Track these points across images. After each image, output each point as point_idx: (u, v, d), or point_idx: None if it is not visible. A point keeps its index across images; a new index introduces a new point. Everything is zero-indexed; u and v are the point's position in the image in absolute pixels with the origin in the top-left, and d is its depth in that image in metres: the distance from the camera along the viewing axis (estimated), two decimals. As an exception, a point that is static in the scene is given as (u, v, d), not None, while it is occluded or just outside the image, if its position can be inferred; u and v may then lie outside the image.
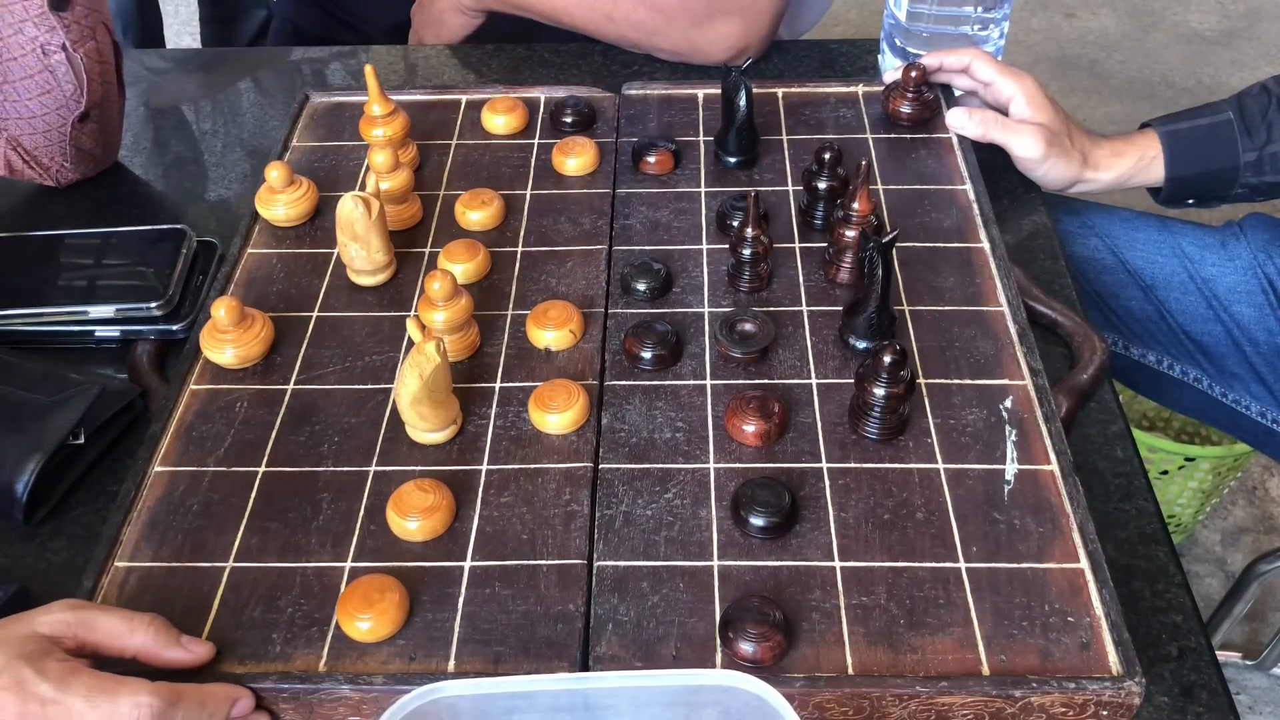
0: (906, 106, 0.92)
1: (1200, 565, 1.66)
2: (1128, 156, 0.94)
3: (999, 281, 0.79)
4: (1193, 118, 0.96)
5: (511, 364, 0.75)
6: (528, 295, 0.80)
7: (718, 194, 0.88)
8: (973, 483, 0.67)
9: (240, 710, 0.57)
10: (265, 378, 0.75)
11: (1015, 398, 0.72)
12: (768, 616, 0.59)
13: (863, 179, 0.78)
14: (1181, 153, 0.94)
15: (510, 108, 0.95)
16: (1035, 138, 0.89)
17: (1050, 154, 0.89)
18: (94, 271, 0.84)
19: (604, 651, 0.60)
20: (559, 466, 0.69)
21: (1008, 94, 0.91)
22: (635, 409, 0.72)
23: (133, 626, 0.57)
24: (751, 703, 0.51)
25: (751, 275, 0.79)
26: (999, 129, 0.89)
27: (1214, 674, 0.63)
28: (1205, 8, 2.75)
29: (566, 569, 0.63)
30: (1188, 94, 2.47)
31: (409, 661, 0.59)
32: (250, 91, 1.12)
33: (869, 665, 0.58)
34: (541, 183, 0.90)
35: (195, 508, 0.67)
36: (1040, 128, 0.90)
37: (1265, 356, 1.04)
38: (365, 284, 0.81)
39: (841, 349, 0.75)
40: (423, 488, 0.66)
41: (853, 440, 0.70)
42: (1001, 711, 0.58)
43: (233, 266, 0.83)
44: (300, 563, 0.64)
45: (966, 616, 0.60)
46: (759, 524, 0.64)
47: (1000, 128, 0.89)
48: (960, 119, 0.90)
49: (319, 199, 0.88)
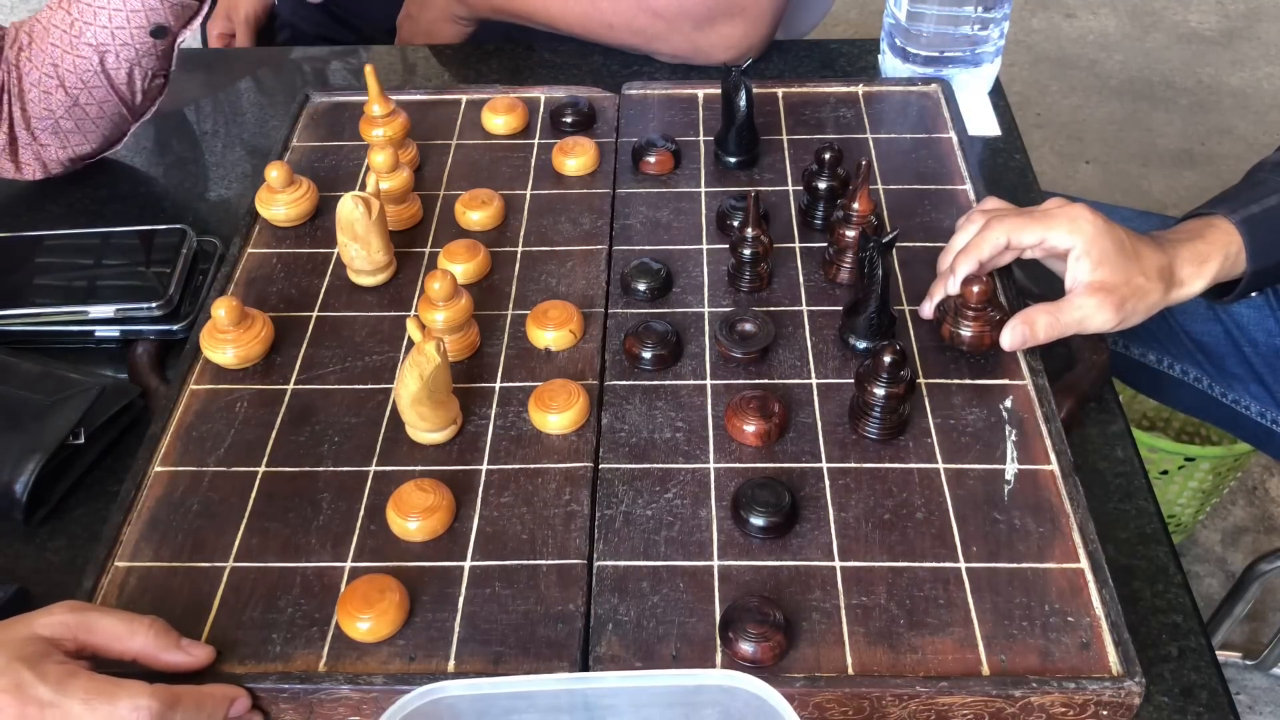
0: (968, 329, 0.73)
1: (1200, 565, 1.66)
2: (1213, 260, 0.77)
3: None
4: (1259, 198, 0.80)
5: (511, 364, 0.75)
6: (528, 295, 0.80)
7: (718, 194, 0.88)
8: (973, 483, 0.67)
9: (237, 710, 0.57)
10: (265, 378, 0.75)
11: (1015, 398, 0.72)
12: (768, 616, 0.58)
13: (863, 179, 0.78)
14: (1264, 240, 0.78)
15: (510, 108, 0.95)
16: (1105, 309, 0.72)
17: (1124, 312, 0.73)
18: (94, 271, 0.84)
19: (604, 651, 0.60)
20: (559, 466, 0.69)
21: (1064, 247, 0.73)
22: (635, 409, 0.72)
23: (133, 629, 0.57)
24: (751, 703, 0.51)
25: (751, 275, 0.79)
26: (1061, 327, 0.72)
27: (1214, 674, 0.63)
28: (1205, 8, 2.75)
29: (566, 569, 0.63)
30: (1188, 94, 2.47)
31: (409, 661, 0.59)
32: (250, 91, 1.12)
33: (869, 665, 0.58)
34: (541, 183, 0.90)
35: (195, 508, 0.67)
36: (1105, 291, 0.72)
37: (1265, 357, 1.04)
38: (365, 284, 0.81)
39: (841, 349, 0.75)
40: (423, 488, 0.66)
41: (853, 440, 0.70)
42: (1001, 711, 0.58)
43: (233, 266, 0.83)
44: (300, 563, 0.64)
45: (966, 616, 0.60)
46: (759, 524, 0.64)
47: (1063, 326, 0.72)
48: (1019, 337, 0.72)
49: (319, 199, 0.88)
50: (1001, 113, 1.02)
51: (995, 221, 0.74)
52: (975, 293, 0.72)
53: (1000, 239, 0.74)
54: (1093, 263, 0.72)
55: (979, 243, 0.74)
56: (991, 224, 0.74)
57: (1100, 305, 0.72)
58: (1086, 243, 0.72)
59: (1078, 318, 0.72)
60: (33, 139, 0.91)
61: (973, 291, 0.72)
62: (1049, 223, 0.73)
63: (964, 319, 0.73)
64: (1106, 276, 0.72)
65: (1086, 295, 0.72)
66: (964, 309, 0.73)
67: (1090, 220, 0.73)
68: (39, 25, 0.90)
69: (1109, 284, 0.72)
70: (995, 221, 0.74)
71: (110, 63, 0.88)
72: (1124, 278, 0.73)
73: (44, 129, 0.91)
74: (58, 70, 0.88)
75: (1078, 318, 0.72)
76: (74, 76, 0.89)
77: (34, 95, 0.89)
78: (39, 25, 0.90)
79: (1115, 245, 0.73)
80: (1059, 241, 0.73)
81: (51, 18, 0.89)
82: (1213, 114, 2.43)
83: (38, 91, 0.89)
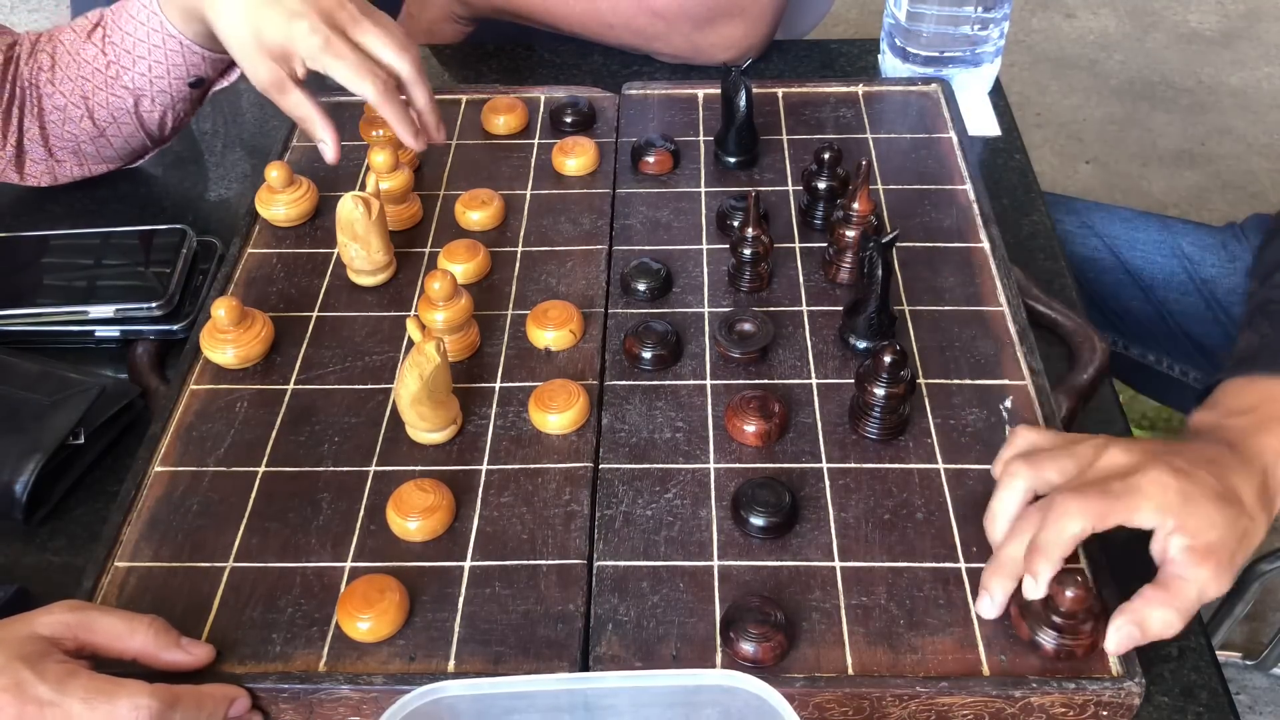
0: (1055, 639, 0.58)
1: (1200, 565, 1.66)
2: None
3: (999, 281, 0.79)
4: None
5: (511, 364, 0.75)
6: (528, 295, 0.80)
7: (718, 194, 0.88)
8: (973, 483, 0.67)
9: (237, 710, 0.57)
10: (265, 378, 0.75)
11: (1015, 398, 0.72)
12: (768, 616, 0.58)
13: (863, 179, 0.78)
14: None
15: (510, 108, 0.95)
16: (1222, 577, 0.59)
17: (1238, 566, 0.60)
18: (94, 271, 0.84)
19: (604, 651, 0.60)
20: (559, 466, 0.69)
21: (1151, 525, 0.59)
22: (635, 409, 0.72)
23: (133, 628, 0.57)
24: (751, 703, 0.51)
25: (751, 275, 0.79)
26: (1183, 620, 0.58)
27: (1214, 674, 0.63)
28: (1205, 8, 2.75)
29: (566, 569, 0.63)
30: (1187, 94, 2.48)
31: (409, 661, 0.59)
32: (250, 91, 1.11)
33: (869, 665, 0.58)
34: (541, 183, 0.90)
35: (195, 508, 0.67)
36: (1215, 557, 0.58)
37: (1266, 358, 1.03)
38: (365, 284, 0.81)
39: (841, 349, 0.75)
40: (423, 488, 0.66)
41: (853, 440, 0.70)
42: (1001, 711, 0.58)
43: (233, 266, 0.83)
44: (300, 563, 0.64)
45: (966, 616, 0.60)
46: (759, 524, 0.64)
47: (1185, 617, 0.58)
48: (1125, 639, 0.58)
49: (319, 199, 0.88)
50: (1001, 113, 1.02)
51: (1071, 503, 0.58)
52: (1070, 598, 0.57)
53: (1080, 530, 0.58)
54: (1191, 533, 0.58)
55: (1057, 538, 0.58)
56: (1068, 508, 0.58)
57: (1216, 574, 0.58)
58: (1180, 517, 0.58)
59: (1194, 597, 0.58)
60: (49, 155, 0.91)
61: (1066, 597, 0.57)
62: (1133, 502, 0.58)
63: (1049, 626, 0.58)
64: (1213, 540, 0.58)
65: (1196, 567, 0.58)
66: (1051, 615, 0.58)
67: (1176, 487, 0.59)
68: (64, 50, 0.88)
69: (1216, 547, 0.58)
70: (1071, 503, 0.58)
71: (145, 106, 0.88)
72: (1231, 533, 0.59)
73: (65, 150, 0.91)
74: (88, 103, 0.87)
75: (1194, 597, 0.58)
76: (105, 111, 0.88)
77: (56, 118, 0.89)
78: (64, 50, 0.88)
79: (1213, 503, 0.59)
80: (1146, 523, 0.59)
81: (82, 50, 0.87)
82: (1213, 114, 2.43)
83: (62, 116, 0.88)
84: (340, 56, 0.76)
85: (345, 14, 0.77)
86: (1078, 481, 0.60)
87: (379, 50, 0.78)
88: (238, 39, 0.77)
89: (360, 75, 0.77)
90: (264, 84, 0.79)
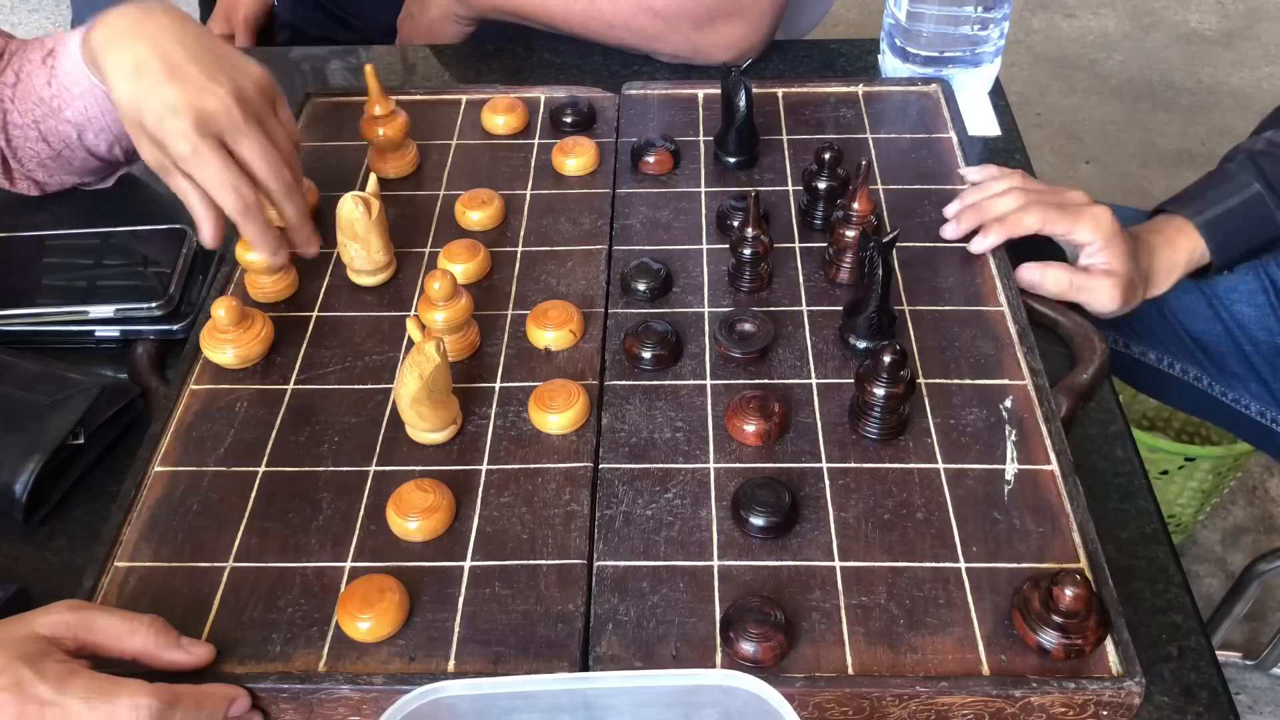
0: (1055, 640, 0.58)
1: (1200, 565, 1.66)
2: (1180, 265, 0.89)
3: (999, 281, 0.80)
4: (1222, 198, 0.90)
5: (511, 364, 0.75)
6: (528, 295, 0.80)
7: (718, 194, 0.88)
8: (973, 483, 0.67)
9: (237, 710, 0.57)
10: (265, 378, 0.75)
11: (1015, 398, 0.72)
12: (768, 616, 0.59)
13: (863, 179, 0.78)
14: (1224, 240, 0.89)
15: (510, 108, 0.95)
16: (1114, 292, 0.82)
17: (1125, 301, 0.83)
18: (94, 271, 0.84)
19: (604, 651, 0.60)
20: (559, 466, 0.69)
21: (1084, 240, 0.82)
22: (635, 409, 0.72)
23: (133, 628, 0.57)
24: (751, 703, 0.51)
25: (751, 275, 0.79)
26: (1076, 290, 0.82)
27: (1214, 674, 0.63)
28: (1205, 8, 2.75)
29: (566, 569, 0.63)
30: (1187, 94, 2.47)
31: (409, 661, 0.59)
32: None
33: (869, 665, 0.58)
34: (541, 183, 0.90)
35: (195, 508, 0.67)
36: (1117, 279, 0.82)
37: (1265, 356, 1.04)
38: (365, 284, 0.81)
39: (841, 349, 0.75)
40: (423, 488, 0.66)
41: (853, 440, 0.70)
42: (1001, 711, 0.58)
43: (233, 266, 0.83)
44: (300, 563, 0.64)
45: (966, 616, 0.60)
46: (759, 524, 0.64)
47: (1077, 289, 0.82)
48: (1034, 276, 0.82)
49: (319, 199, 0.87)
50: (1001, 113, 1.02)
51: (1033, 206, 0.82)
52: (1070, 598, 0.57)
53: (1034, 226, 0.82)
54: (1109, 256, 0.82)
55: (1015, 222, 0.82)
56: (1030, 208, 0.82)
57: (1110, 289, 0.82)
58: (1106, 239, 0.82)
59: (1090, 293, 0.82)
60: (21, 166, 0.91)
61: (1066, 597, 0.57)
62: (1077, 219, 0.82)
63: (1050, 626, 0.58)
64: (1119, 268, 0.82)
65: (1102, 278, 0.82)
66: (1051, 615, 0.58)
67: (1110, 222, 0.83)
68: (26, 70, 0.86)
69: (1119, 274, 0.82)
70: (1033, 206, 0.82)
71: (89, 139, 0.87)
72: (1129, 273, 0.83)
73: (32, 164, 0.90)
74: (40, 128, 0.86)
75: (1090, 293, 0.82)
76: (56, 138, 0.87)
77: (19, 135, 0.88)
78: (26, 70, 0.86)
79: (1127, 247, 0.84)
80: (1082, 236, 0.82)
81: (35, 74, 0.85)
82: (1213, 114, 2.43)
83: (23, 135, 0.87)
84: (204, 166, 0.72)
85: (227, 120, 0.72)
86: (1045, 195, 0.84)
87: (253, 163, 0.74)
88: (124, 115, 0.75)
89: (222, 190, 0.73)
90: (149, 162, 0.76)
